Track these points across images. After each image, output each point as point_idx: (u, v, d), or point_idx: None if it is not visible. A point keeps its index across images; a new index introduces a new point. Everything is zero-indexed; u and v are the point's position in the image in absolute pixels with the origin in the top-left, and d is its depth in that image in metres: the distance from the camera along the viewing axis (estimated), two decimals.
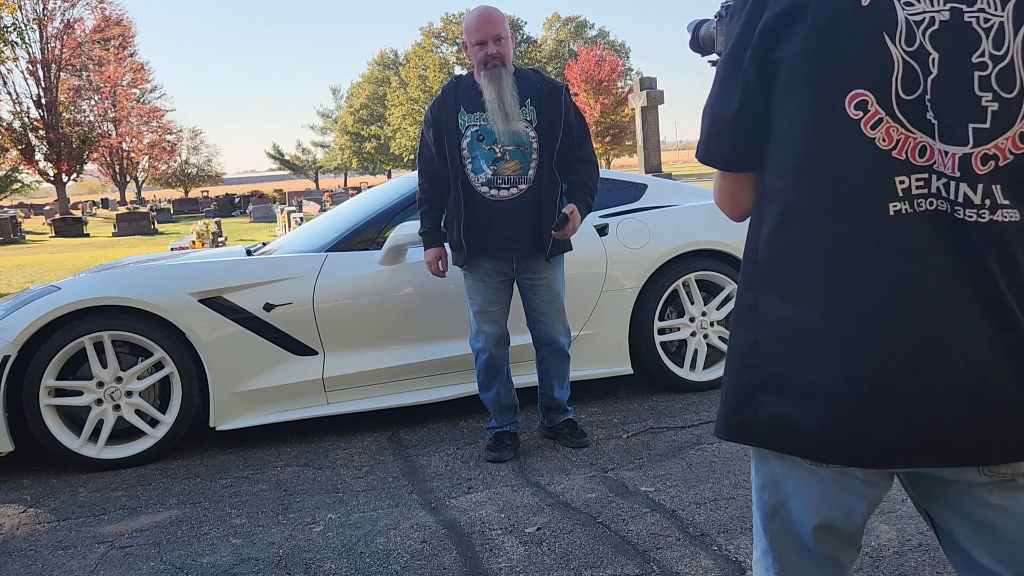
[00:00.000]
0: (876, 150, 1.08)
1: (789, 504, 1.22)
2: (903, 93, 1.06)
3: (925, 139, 1.07)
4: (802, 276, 1.13)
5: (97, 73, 41.10)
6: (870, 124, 1.08)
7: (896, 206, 1.07)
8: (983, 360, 1.06)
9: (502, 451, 3.55)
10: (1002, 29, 1.03)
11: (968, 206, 1.05)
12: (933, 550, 2.50)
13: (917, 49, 1.06)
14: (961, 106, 1.05)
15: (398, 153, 65.09)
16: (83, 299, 3.54)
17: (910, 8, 1.06)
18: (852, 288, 1.10)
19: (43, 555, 2.82)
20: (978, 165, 1.05)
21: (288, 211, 18.36)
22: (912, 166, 1.07)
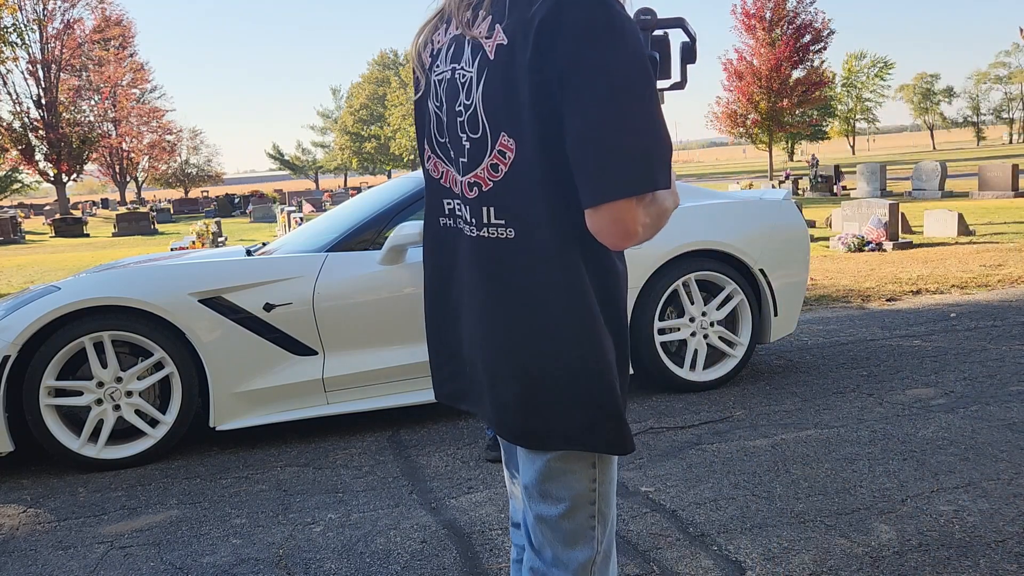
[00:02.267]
0: (432, 178, 1.42)
1: None
2: (438, 136, 1.37)
3: (453, 172, 1.35)
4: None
5: (97, 73, 41.09)
6: (427, 158, 1.43)
7: (444, 220, 1.41)
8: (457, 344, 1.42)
9: (502, 451, 3.54)
10: (471, 83, 1.27)
11: (467, 223, 1.33)
12: (933, 550, 2.51)
13: (439, 103, 1.35)
14: (455, 144, 1.33)
15: (398, 153, 65.07)
16: (83, 299, 3.54)
17: (437, 70, 1.35)
18: (425, 273, 1.48)
19: (43, 555, 2.82)
20: (467, 191, 1.32)
21: (288, 211, 18.35)
22: (452, 192, 1.37)
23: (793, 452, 3.40)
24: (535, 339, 1.27)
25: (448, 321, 1.44)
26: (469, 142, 1.29)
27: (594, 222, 1.19)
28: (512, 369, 1.30)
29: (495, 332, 1.30)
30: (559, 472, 1.34)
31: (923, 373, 4.53)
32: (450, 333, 1.44)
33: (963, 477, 3.05)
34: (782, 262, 4.55)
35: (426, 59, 1.38)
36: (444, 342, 1.46)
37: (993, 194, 18.95)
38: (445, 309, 1.44)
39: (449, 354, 1.46)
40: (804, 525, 2.72)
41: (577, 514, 1.36)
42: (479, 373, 1.36)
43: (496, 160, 1.25)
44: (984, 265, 8.33)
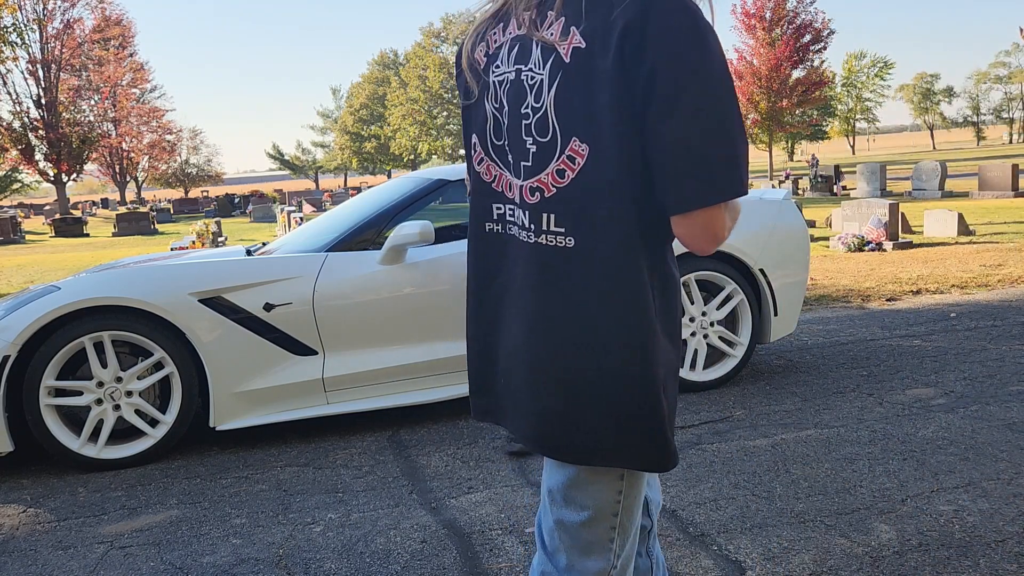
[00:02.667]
0: (482, 181, 1.38)
1: None
2: (494, 139, 1.33)
3: (509, 176, 1.32)
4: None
5: (97, 73, 41.09)
6: (477, 161, 1.38)
7: (491, 226, 1.37)
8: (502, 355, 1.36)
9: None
10: (541, 85, 1.23)
11: (523, 229, 1.30)
12: (933, 550, 2.51)
13: (499, 105, 1.31)
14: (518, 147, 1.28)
15: (398, 153, 65.07)
16: (83, 299, 3.54)
17: (496, 71, 1.32)
18: (469, 279, 1.43)
19: (43, 555, 2.82)
20: (527, 196, 1.28)
21: (288, 211, 18.36)
22: (504, 197, 1.33)
23: (793, 452, 3.40)
24: (586, 351, 1.24)
25: (486, 329, 1.40)
26: (535, 145, 1.25)
27: (684, 228, 1.18)
28: (558, 381, 1.26)
29: (543, 342, 1.27)
30: (586, 481, 1.32)
31: (923, 373, 4.53)
32: (487, 342, 1.40)
33: (963, 477, 3.05)
34: (782, 262, 4.55)
35: (479, 59, 1.35)
36: (481, 351, 1.42)
37: (993, 194, 18.95)
38: (485, 316, 1.40)
39: (484, 364, 1.42)
40: (804, 525, 2.72)
41: (598, 524, 1.33)
42: (517, 384, 1.32)
43: (563, 165, 1.22)
44: (984, 265, 8.33)
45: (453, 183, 4.35)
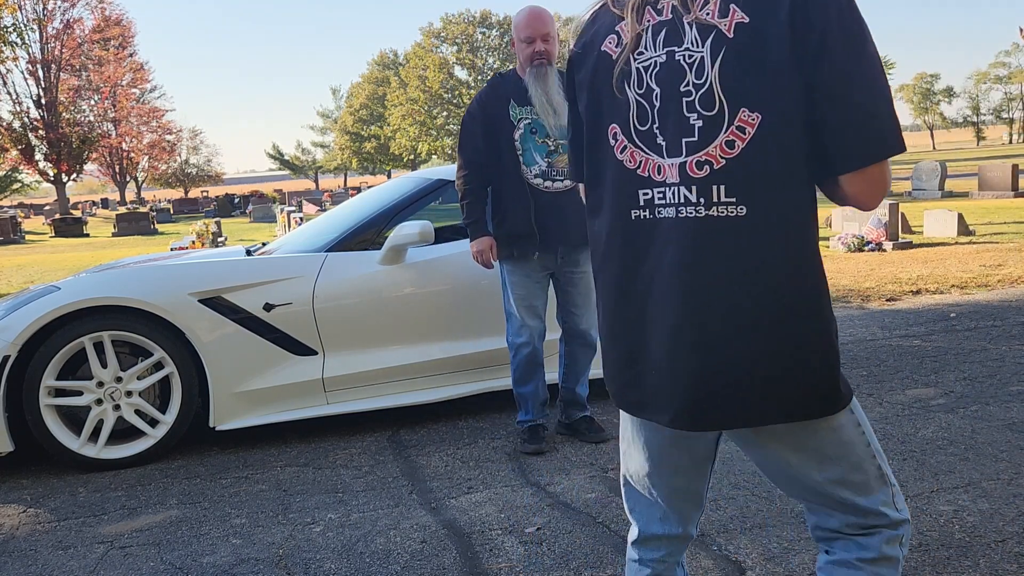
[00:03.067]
0: (625, 169, 1.39)
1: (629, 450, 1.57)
2: (638, 124, 1.36)
3: (659, 160, 1.34)
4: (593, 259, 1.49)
5: (97, 73, 41.10)
6: (619, 149, 1.39)
7: (636, 213, 1.37)
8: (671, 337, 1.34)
9: (540, 443, 3.59)
10: (701, 62, 1.29)
11: (687, 204, 1.31)
12: (933, 550, 2.50)
13: (646, 90, 1.35)
14: (677, 126, 1.32)
15: (398, 153, 65.08)
16: (83, 299, 3.54)
17: (641, 57, 1.35)
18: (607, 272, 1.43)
19: (43, 555, 2.82)
20: (693, 170, 1.30)
21: (288, 211, 18.36)
22: (653, 181, 1.35)
23: None
24: (765, 319, 1.28)
25: (632, 321, 1.40)
26: (701, 120, 1.29)
27: (857, 185, 1.28)
28: (737, 351, 1.29)
29: (714, 316, 1.30)
30: (826, 431, 1.37)
31: (923, 373, 4.53)
32: (633, 334, 1.40)
33: (963, 477, 3.05)
34: None
35: (611, 50, 1.38)
36: (626, 345, 1.41)
37: (993, 194, 18.95)
38: (629, 308, 1.40)
39: (631, 358, 1.41)
40: (803, 525, 2.72)
41: (862, 461, 1.40)
42: (676, 368, 1.33)
43: (733, 136, 1.27)
44: (984, 265, 8.33)
45: (453, 183, 4.34)
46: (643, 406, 1.41)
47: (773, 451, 1.41)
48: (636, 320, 1.39)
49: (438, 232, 4.00)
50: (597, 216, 1.46)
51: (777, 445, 1.39)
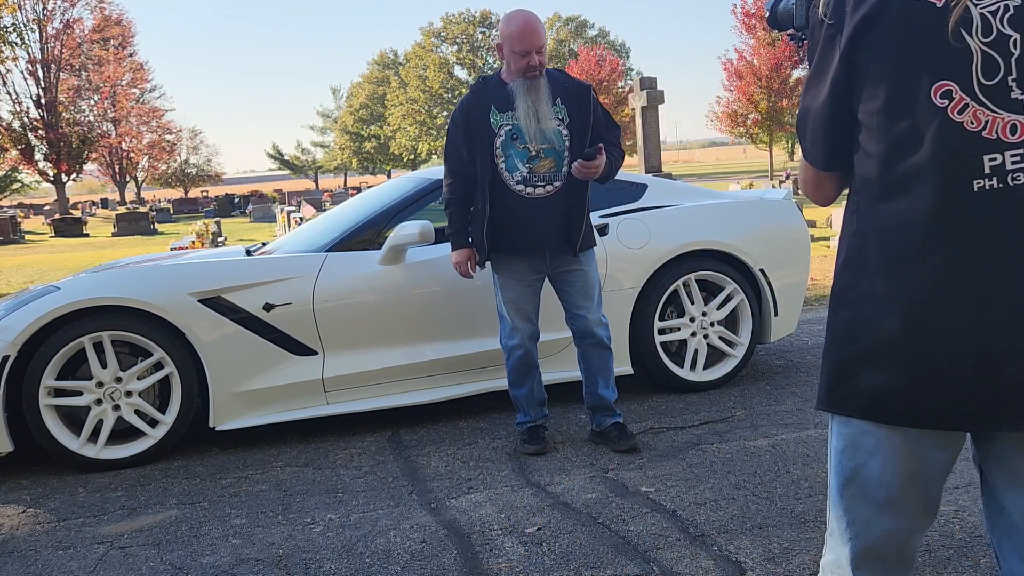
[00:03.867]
0: (964, 132, 1.19)
1: (868, 464, 1.32)
2: (984, 79, 1.18)
3: (1014, 117, 1.18)
4: (888, 251, 1.25)
5: (97, 73, 41.07)
6: (956, 110, 1.19)
7: (980, 183, 1.18)
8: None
9: (541, 444, 3.58)
10: None
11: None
12: (933, 550, 2.50)
13: (996, 37, 1.17)
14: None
15: (398, 153, 65.09)
16: (83, 299, 3.53)
17: (983, 2, 1.18)
18: (932, 259, 1.21)
19: (43, 555, 2.82)
20: None
21: (288, 211, 18.36)
22: (1005, 144, 1.17)
23: (793, 452, 3.40)
24: None
25: (978, 317, 1.20)
26: None
27: None
28: None
29: None
30: None
31: None
32: (982, 335, 1.20)
33: (963, 477, 3.05)
34: (782, 262, 4.55)
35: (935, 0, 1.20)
36: (965, 350, 1.20)
37: None
38: (971, 302, 1.20)
39: (996, 359, 1.19)
40: (804, 525, 2.72)
41: None
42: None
43: None
44: None
45: None
46: (982, 417, 1.21)
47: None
48: (987, 316, 1.19)
49: (438, 232, 4.00)
50: (905, 195, 1.23)
51: None
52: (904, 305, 1.23)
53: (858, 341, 1.29)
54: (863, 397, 1.29)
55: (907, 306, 1.23)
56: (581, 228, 3.45)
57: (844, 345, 1.32)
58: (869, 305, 1.27)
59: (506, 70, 3.45)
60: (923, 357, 1.23)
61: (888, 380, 1.25)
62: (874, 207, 1.28)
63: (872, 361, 1.27)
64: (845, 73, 1.28)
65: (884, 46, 1.23)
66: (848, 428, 1.35)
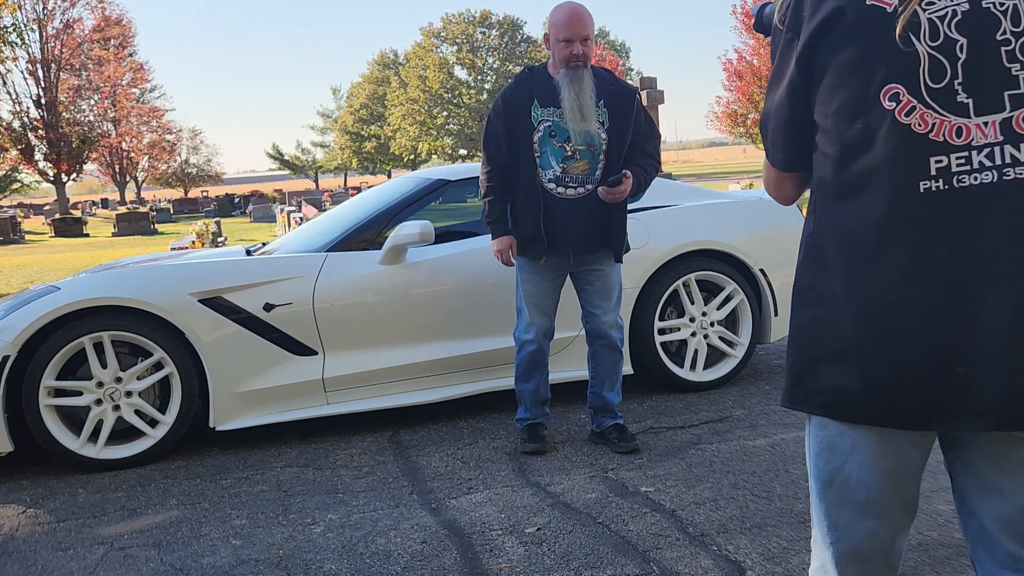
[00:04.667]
0: (912, 134, 1.21)
1: (846, 466, 1.33)
2: (930, 81, 1.21)
3: (960, 120, 1.20)
4: (844, 252, 1.27)
5: (97, 73, 41.07)
6: (904, 112, 1.22)
7: (927, 184, 1.20)
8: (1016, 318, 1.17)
9: (540, 442, 3.58)
10: (1016, 10, 1.20)
11: (1016, 164, 1.18)
12: (933, 550, 2.50)
13: (943, 42, 1.20)
14: (994, 78, 1.19)
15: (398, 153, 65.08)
16: (83, 299, 3.53)
17: (931, 7, 1.21)
18: (882, 260, 1.23)
19: (42, 556, 2.82)
20: (1020, 126, 1.19)
21: (288, 211, 18.36)
22: (951, 146, 1.20)
23: (793, 452, 3.40)
24: None
25: (932, 314, 1.21)
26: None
27: None
28: None
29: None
30: None
31: None
32: (936, 331, 1.21)
33: None
34: (782, 262, 4.55)
35: (883, 2, 1.23)
36: (922, 346, 1.21)
37: None
38: (926, 299, 1.21)
39: (948, 358, 1.20)
40: (804, 525, 2.72)
41: None
42: (1018, 353, 1.17)
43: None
44: None
45: (453, 183, 4.35)
46: (938, 416, 1.22)
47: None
48: (938, 317, 1.20)
49: (438, 232, 4.00)
50: (857, 196, 1.26)
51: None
52: (861, 305, 1.25)
53: (819, 340, 1.31)
54: (824, 395, 1.30)
55: (864, 306, 1.25)
56: (623, 237, 3.42)
57: (806, 344, 1.33)
58: (829, 304, 1.29)
59: (552, 63, 3.41)
60: (881, 356, 1.24)
61: (848, 378, 1.27)
62: (831, 207, 1.31)
63: (833, 359, 1.28)
64: (802, 77, 1.31)
65: (839, 50, 1.25)
66: (824, 431, 1.36)
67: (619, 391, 3.65)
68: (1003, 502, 1.27)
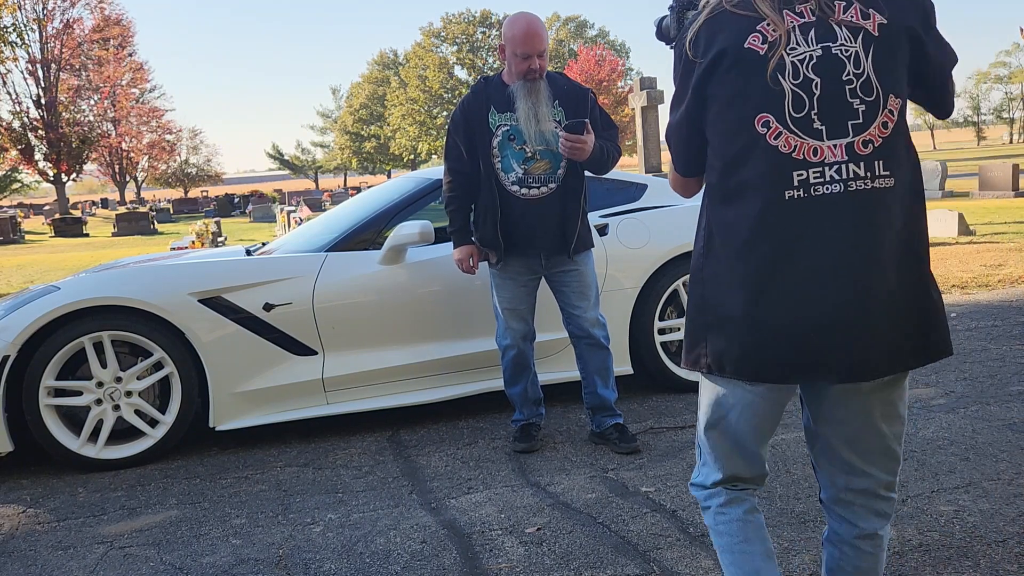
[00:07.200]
0: (779, 154, 1.52)
1: (728, 415, 1.69)
2: (794, 112, 1.52)
3: (816, 143, 1.51)
4: (727, 244, 1.59)
5: (96, 73, 41.09)
6: (773, 136, 1.53)
7: (790, 193, 1.52)
8: (855, 296, 1.50)
9: (531, 442, 3.60)
10: (857, 55, 1.52)
11: (857, 178, 1.50)
12: (934, 550, 2.50)
13: (802, 80, 1.52)
14: (840, 110, 1.51)
15: (398, 153, 65.10)
16: (83, 299, 3.53)
17: (794, 52, 1.52)
18: (755, 252, 1.54)
19: (42, 555, 2.82)
20: (860, 148, 1.51)
21: (287, 211, 18.36)
22: (809, 163, 1.51)
23: (793, 452, 3.40)
24: (919, 271, 1.55)
25: (792, 294, 1.52)
26: (864, 105, 1.51)
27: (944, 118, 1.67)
28: (912, 299, 1.54)
29: (888, 274, 1.51)
30: (904, 389, 1.63)
31: (923, 373, 4.53)
32: (795, 305, 1.52)
33: (963, 477, 3.05)
34: None
35: (757, 47, 1.53)
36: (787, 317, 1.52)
37: (994, 194, 18.94)
38: (788, 283, 1.52)
39: (797, 328, 1.52)
40: (804, 525, 2.72)
41: (903, 424, 1.70)
42: (857, 323, 1.50)
43: (887, 118, 1.52)
44: (985, 265, 8.33)
45: None
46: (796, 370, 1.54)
47: (865, 405, 1.62)
48: (798, 293, 1.51)
49: (438, 232, 4.00)
50: (737, 201, 1.56)
51: (873, 399, 1.62)
52: (739, 287, 1.56)
53: (706, 313, 1.62)
54: (711, 357, 1.62)
55: (741, 287, 1.55)
56: (576, 230, 3.45)
57: (697, 316, 1.65)
58: (714, 285, 1.61)
59: (507, 72, 3.45)
60: (753, 327, 1.55)
61: (728, 344, 1.58)
62: (717, 208, 1.61)
63: (717, 329, 1.60)
64: (696, 103, 1.61)
65: (723, 84, 1.56)
66: (714, 386, 1.69)
67: (614, 388, 3.65)
68: (845, 427, 1.66)
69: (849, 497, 1.71)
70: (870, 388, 1.60)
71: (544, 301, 3.69)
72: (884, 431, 1.65)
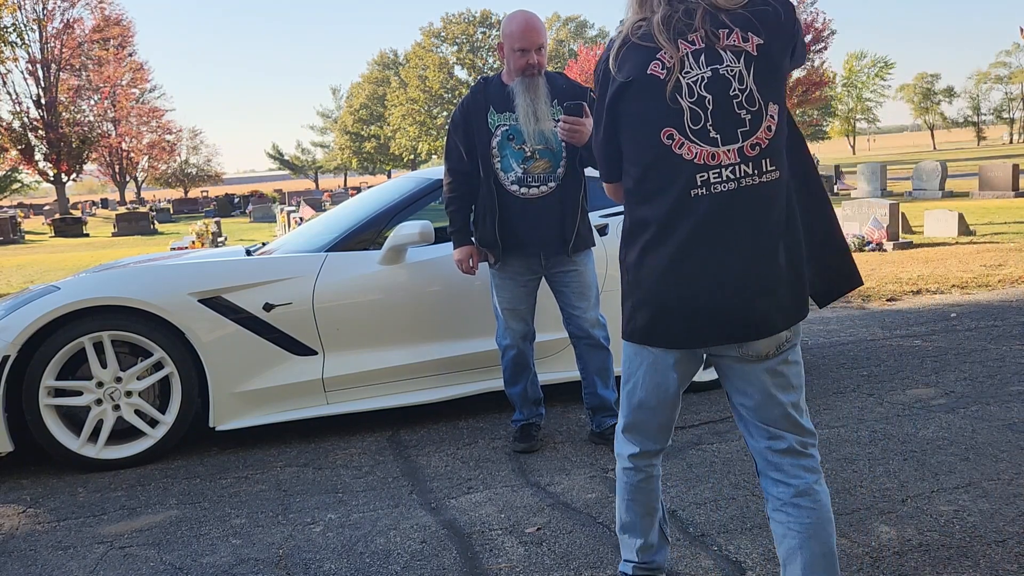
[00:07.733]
0: (683, 160, 1.80)
1: (636, 373, 2.02)
2: (692, 124, 1.79)
3: (713, 149, 1.79)
4: (642, 236, 1.87)
5: (96, 73, 41.07)
6: (677, 146, 1.80)
7: (695, 191, 1.79)
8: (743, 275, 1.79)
9: (531, 441, 3.60)
10: (740, 74, 1.78)
11: (747, 176, 1.79)
12: (934, 550, 2.50)
13: (697, 99, 1.78)
14: (731, 120, 1.78)
15: (398, 153, 65.10)
16: (83, 299, 3.53)
17: (688, 75, 1.79)
18: (666, 242, 1.83)
19: (42, 555, 2.82)
20: (749, 151, 1.79)
21: (288, 211, 18.36)
22: (708, 166, 1.79)
23: None
24: (798, 246, 1.85)
25: (695, 272, 1.80)
26: (749, 115, 1.78)
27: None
28: (794, 272, 1.83)
29: (775, 252, 1.80)
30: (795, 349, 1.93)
31: (923, 373, 4.53)
32: (702, 285, 1.80)
33: (963, 477, 3.05)
34: None
35: (657, 72, 1.80)
36: (695, 295, 1.81)
37: (993, 194, 18.95)
38: (693, 264, 1.80)
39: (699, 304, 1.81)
40: None
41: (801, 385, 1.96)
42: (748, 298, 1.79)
43: (769, 123, 1.80)
44: (984, 265, 8.33)
45: None
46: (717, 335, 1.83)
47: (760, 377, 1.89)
48: (699, 270, 1.80)
49: (438, 232, 4.00)
50: (651, 201, 1.84)
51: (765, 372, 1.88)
52: (653, 274, 1.85)
53: (632, 295, 1.92)
54: (636, 329, 1.93)
55: (654, 274, 1.85)
56: (575, 229, 3.45)
57: (626, 297, 1.95)
58: (635, 272, 1.90)
59: (506, 71, 3.46)
60: (663, 306, 1.85)
61: (647, 319, 1.89)
62: (634, 209, 1.90)
63: (640, 307, 1.90)
64: (610, 121, 1.90)
65: (631, 105, 1.84)
66: (630, 351, 2.02)
67: (614, 388, 3.66)
68: (748, 398, 1.92)
69: (775, 459, 1.93)
70: (761, 360, 1.87)
71: (544, 301, 3.70)
72: (781, 399, 1.89)
